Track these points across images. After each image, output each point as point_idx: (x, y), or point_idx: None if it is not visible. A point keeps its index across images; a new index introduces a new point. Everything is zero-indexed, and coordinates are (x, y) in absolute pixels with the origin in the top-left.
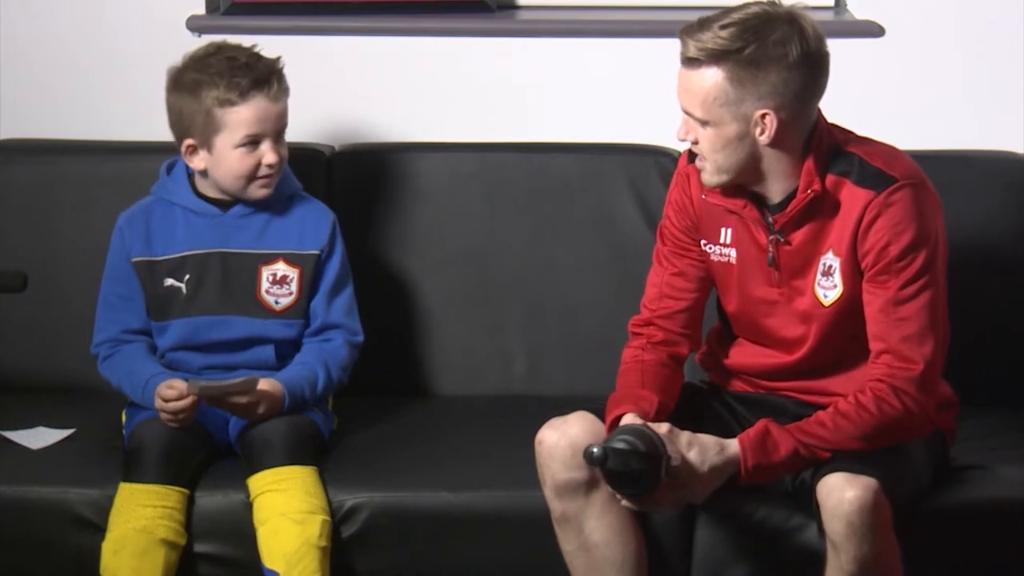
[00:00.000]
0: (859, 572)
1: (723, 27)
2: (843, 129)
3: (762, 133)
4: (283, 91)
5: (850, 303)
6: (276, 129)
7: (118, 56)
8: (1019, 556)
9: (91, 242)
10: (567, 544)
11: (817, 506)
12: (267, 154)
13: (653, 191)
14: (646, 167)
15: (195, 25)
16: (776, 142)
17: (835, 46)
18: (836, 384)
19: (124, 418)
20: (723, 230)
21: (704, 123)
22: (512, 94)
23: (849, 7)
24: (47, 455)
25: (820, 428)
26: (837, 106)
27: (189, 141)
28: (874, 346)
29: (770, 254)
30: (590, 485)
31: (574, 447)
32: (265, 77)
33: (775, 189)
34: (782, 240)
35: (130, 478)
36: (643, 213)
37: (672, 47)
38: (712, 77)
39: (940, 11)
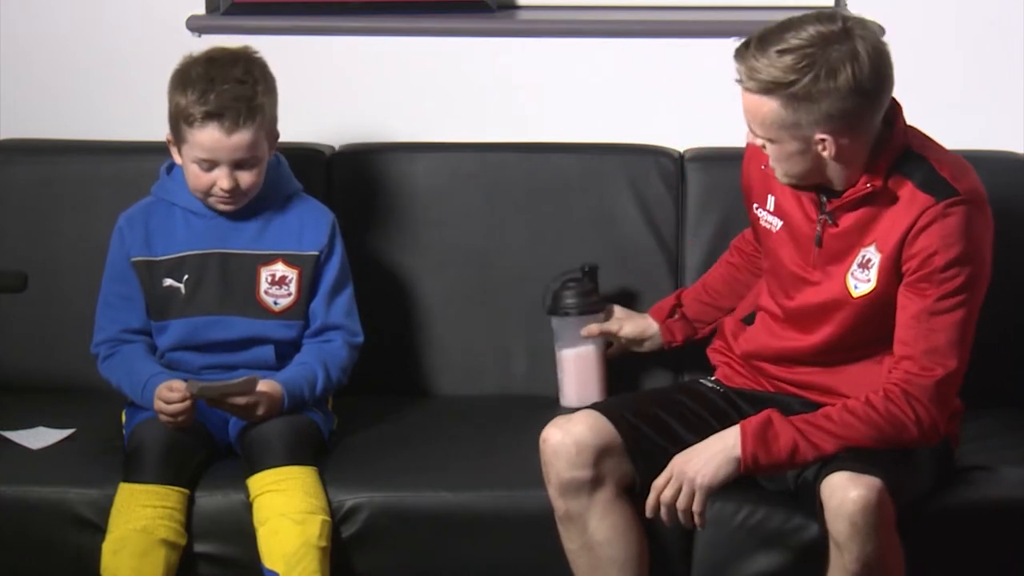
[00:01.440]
0: (862, 572)
1: (780, 53)
2: (921, 133)
3: (824, 151)
4: (244, 126)
5: (879, 301)
6: (232, 159)
7: (118, 56)
8: (1023, 556)
9: (91, 242)
10: (570, 543)
11: (820, 505)
12: (221, 179)
13: (653, 191)
14: (646, 167)
15: (195, 25)
16: (839, 158)
17: None
18: (844, 385)
19: (124, 418)
20: (770, 197)
21: (768, 139)
22: (512, 94)
23: (849, 7)
24: (47, 455)
25: (826, 421)
26: None
27: (169, 135)
28: (898, 350)
29: (817, 232)
30: (594, 484)
31: (579, 446)
32: (220, 111)
33: (839, 184)
34: (829, 221)
35: (130, 478)
36: (643, 213)
37: (672, 47)
38: (767, 104)
39: (940, 11)
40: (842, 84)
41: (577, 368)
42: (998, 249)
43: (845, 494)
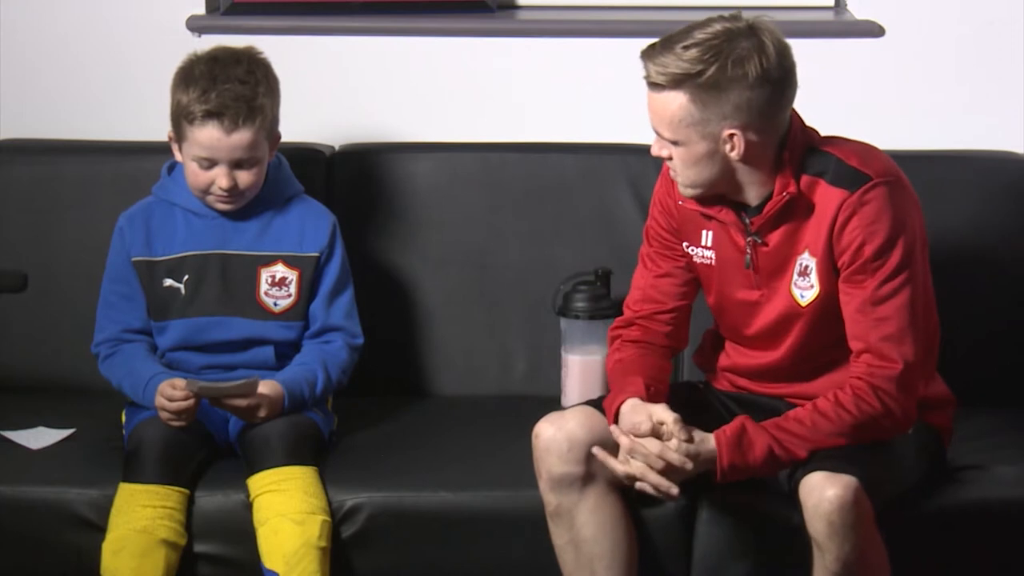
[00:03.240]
0: (843, 571)
1: (685, 48)
2: (816, 131)
3: (732, 150)
4: (244, 125)
5: (828, 303)
6: (231, 158)
7: (118, 56)
8: (1016, 555)
9: (91, 242)
10: (558, 538)
11: (800, 505)
12: (219, 178)
13: (653, 191)
14: (646, 167)
15: (195, 25)
16: (747, 158)
17: (835, 46)
18: (825, 391)
19: (124, 418)
20: (704, 232)
21: (674, 143)
22: (512, 94)
23: (849, 7)
24: (47, 455)
25: (798, 426)
26: (837, 106)
27: (170, 132)
28: (854, 346)
29: (748, 256)
30: (585, 480)
31: (571, 441)
32: (220, 110)
33: (751, 195)
34: (759, 241)
35: (130, 478)
36: (643, 213)
37: None
38: (676, 100)
39: (940, 11)
40: (750, 71)
41: (582, 372)
42: (996, 248)
43: (822, 494)
